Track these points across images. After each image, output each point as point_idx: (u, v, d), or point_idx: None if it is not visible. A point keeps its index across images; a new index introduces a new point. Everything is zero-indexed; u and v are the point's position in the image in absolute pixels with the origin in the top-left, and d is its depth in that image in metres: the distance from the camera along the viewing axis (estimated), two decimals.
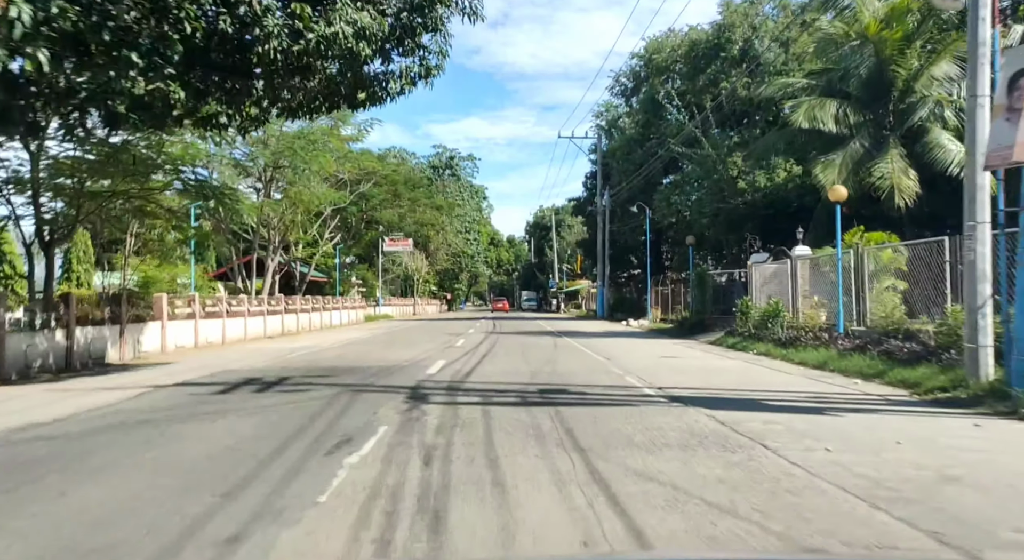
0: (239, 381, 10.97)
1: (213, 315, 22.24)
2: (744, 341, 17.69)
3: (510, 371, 12.34)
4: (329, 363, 14.25)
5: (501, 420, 7.35)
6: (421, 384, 10.50)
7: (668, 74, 43.99)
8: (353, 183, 38.97)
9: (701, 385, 10.32)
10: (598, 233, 48.46)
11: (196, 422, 7.32)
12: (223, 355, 17.47)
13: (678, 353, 16.67)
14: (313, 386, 10.24)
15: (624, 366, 13.12)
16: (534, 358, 15.02)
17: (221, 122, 14.07)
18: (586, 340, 21.81)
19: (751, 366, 13.39)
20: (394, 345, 20.27)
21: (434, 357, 15.41)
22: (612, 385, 10.42)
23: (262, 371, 12.74)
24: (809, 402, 8.74)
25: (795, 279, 17.60)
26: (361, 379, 11.10)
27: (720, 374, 11.95)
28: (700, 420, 7.31)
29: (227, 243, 28.09)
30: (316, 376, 11.63)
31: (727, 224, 25.84)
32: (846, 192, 14.93)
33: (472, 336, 24.44)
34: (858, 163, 20.77)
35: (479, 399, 8.95)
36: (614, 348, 18.23)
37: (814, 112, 21.15)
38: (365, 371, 12.39)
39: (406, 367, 13.20)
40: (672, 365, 13.61)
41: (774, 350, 15.25)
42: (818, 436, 6.45)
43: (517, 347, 18.63)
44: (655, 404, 8.53)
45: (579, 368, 12.86)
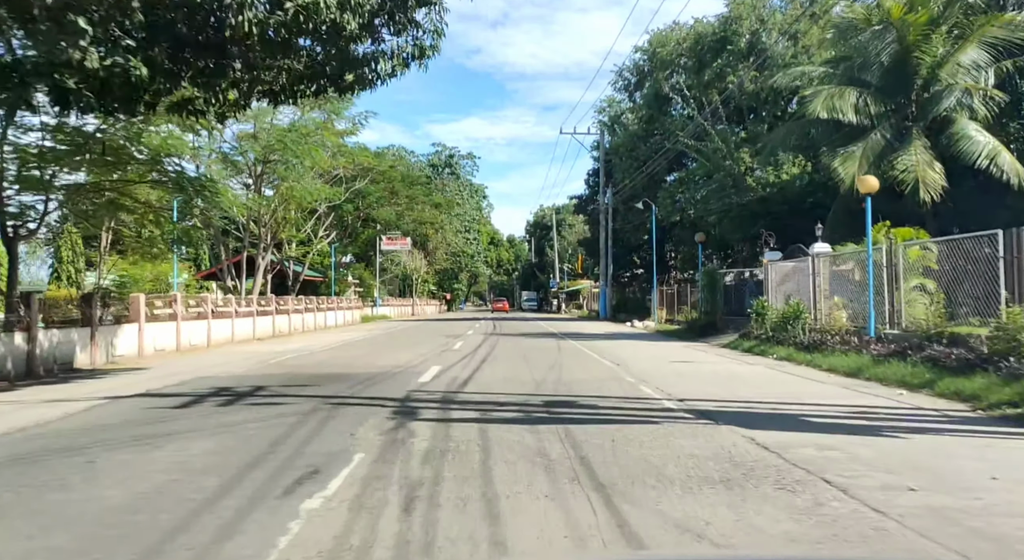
0: (208, 391, 9.79)
1: (198, 316, 21.07)
2: (761, 344, 16.52)
3: (511, 379, 11.17)
4: (314, 369, 13.08)
5: (501, 443, 6.19)
6: (411, 395, 9.33)
7: (673, 68, 42.83)
8: (349, 180, 37.79)
9: (726, 396, 9.15)
10: (601, 231, 47.29)
11: (136, 448, 6.14)
12: (204, 359, 16.31)
13: (691, 357, 15.49)
14: (289, 398, 9.06)
15: (636, 373, 11.95)
16: (537, 363, 13.85)
17: (198, 107, 12.94)
18: (591, 342, 20.63)
19: (775, 373, 12.22)
20: (388, 348, 19.10)
21: (429, 362, 14.24)
22: (626, 397, 9.24)
23: (238, 379, 11.57)
24: (857, 418, 7.56)
25: (817, 278, 16.43)
26: (345, 389, 9.93)
27: (744, 383, 10.78)
28: (738, 443, 6.14)
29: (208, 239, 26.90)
30: (296, 385, 10.45)
31: (737, 221, 24.70)
32: (877, 183, 13.76)
33: (471, 338, 23.28)
34: (879, 156, 19.62)
35: (476, 414, 7.78)
36: (621, 351, 17.06)
37: (833, 101, 19.98)
38: (351, 379, 11.21)
39: (397, 374, 12.02)
40: (688, 372, 12.44)
41: (797, 355, 14.08)
42: (890, 467, 5.27)
43: (518, 351, 17.46)
44: (680, 421, 7.35)
45: (587, 375, 11.69)
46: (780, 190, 22.99)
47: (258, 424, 7.14)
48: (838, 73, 21.63)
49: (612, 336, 24.80)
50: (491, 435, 6.58)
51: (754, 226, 23.77)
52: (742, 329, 21.09)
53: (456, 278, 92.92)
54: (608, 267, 46.84)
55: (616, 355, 15.80)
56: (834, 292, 16.89)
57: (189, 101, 12.90)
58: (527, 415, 7.84)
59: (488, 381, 10.94)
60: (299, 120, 26.54)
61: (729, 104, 36.19)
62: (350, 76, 12.22)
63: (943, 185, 18.58)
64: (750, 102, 37.00)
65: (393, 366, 13.40)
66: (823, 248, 18.33)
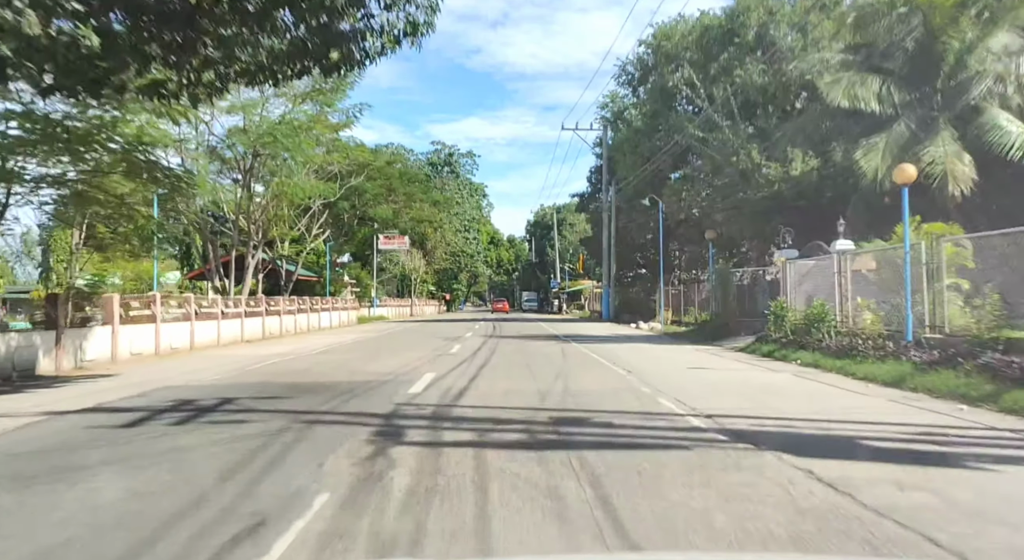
0: (167, 405, 8.60)
1: (182, 317, 19.89)
2: (781, 349, 15.33)
3: (513, 390, 9.97)
4: (295, 376, 11.88)
5: (502, 477, 5.00)
6: (398, 410, 8.14)
7: (678, 62, 41.63)
8: (344, 176, 36.60)
9: (759, 411, 7.97)
10: (603, 230, 46.09)
11: (42, 487, 4.93)
12: (180, 365, 15.12)
13: (708, 363, 14.30)
14: (257, 413, 7.87)
15: (651, 382, 10.76)
16: (541, 370, 12.65)
17: (170, 89, 11.75)
18: (597, 346, 19.44)
19: (805, 382, 11.03)
20: (380, 352, 17.90)
21: (422, 368, 13.05)
22: (646, 412, 8.05)
23: (208, 388, 10.38)
24: (924, 441, 6.37)
25: (845, 276, 15.23)
26: (324, 402, 8.73)
27: (774, 394, 9.59)
28: (795, 479, 4.95)
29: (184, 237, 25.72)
30: (270, 397, 9.26)
31: (749, 218, 23.51)
32: (915, 172, 12.57)
33: (469, 341, 22.08)
34: (903, 147, 18.41)
35: (472, 436, 6.59)
36: (631, 356, 15.87)
37: (854, 89, 18.80)
38: (333, 389, 10.02)
39: (386, 383, 10.83)
40: (709, 380, 11.25)
41: (824, 361, 12.88)
42: (1002, 516, 4.09)
43: (520, 355, 16.27)
44: (714, 445, 6.17)
45: (598, 385, 10.50)
46: (796, 185, 21.80)
47: (210, 450, 5.95)
48: (858, 60, 20.42)
49: (618, 339, 23.61)
50: (490, 465, 5.39)
51: (768, 223, 22.60)
52: (757, 332, 19.91)
53: (456, 278, 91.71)
54: (611, 267, 45.65)
55: (626, 361, 14.60)
56: (857, 292, 15.73)
57: (160, 83, 11.74)
58: (532, 437, 6.66)
59: (487, 392, 9.75)
60: (290, 112, 25.33)
61: (736, 99, 35.02)
62: (335, 54, 11.02)
63: (973, 178, 17.41)
64: (758, 96, 35.83)
65: (382, 373, 12.20)
66: (845, 245, 17.14)
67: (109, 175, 14.60)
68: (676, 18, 42.71)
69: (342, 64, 11.29)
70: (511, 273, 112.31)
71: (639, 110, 46.88)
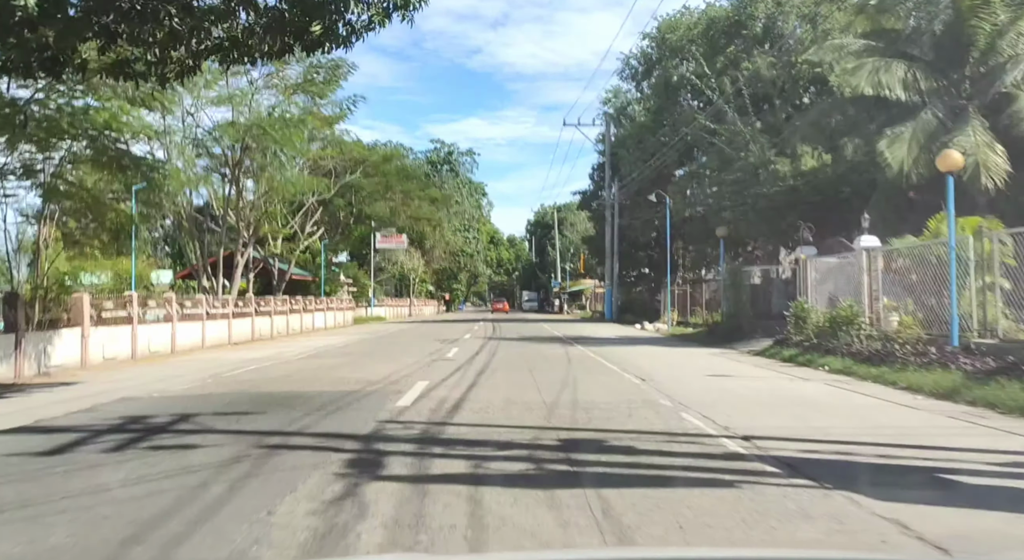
0: (112, 424, 7.41)
1: (163, 319, 18.72)
2: (804, 353, 14.14)
3: (515, 401, 8.79)
4: (272, 385, 10.68)
5: (504, 533, 3.83)
6: (381, 430, 6.95)
7: (683, 55, 40.45)
8: (340, 172, 35.41)
9: (804, 431, 6.79)
10: (606, 228, 44.92)
11: None
12: (154, 371, 13.95)
13: (727, 369, 13.12)
14: (213, 435, 6.68)
15: (670, 392, 9.58)
16: (546, 378, 11.47)
17: (137, 70, 10.63)
18: (603, 349, 18.26)
19: (843, 392, 9.85)
20: (372, 356, 16.72)
21: (415, 375, 11.88)
22: (671, 433, 6.87)
23: (169, 401, 9.19)
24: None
25: (874, 275, 14.05)
26: (296, 419, 7.54)
27: (813, 408, 8.41)
28: (888, 535, 3.77)
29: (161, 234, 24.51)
30: (235, 412, 8.07)
31: (762, 215, 22.33)
32: (961, 159, 11.39)
33: (468, 343, 20.90)
34: (931, 136, 17.25)
35: (466, 467, 5.41)
36: (642, 361, 14.70)
37: (878, 76, 17.59)
38: (311, 401, 8.83)
39: (372, 393, 9.65)
40: (733, 391, 10.07)
41: (857, 368, 11.69)
42: None
43: (522, 360, 15.09)
44: (765, 480, 4.99)
45: (610, 396, 9.31)
46: (812, 179, 20.62)
47: (135, 490, 4.75)
48: (880, 46, 19.22)
49: (624, 341, 22.43)
50: (487, 511, 4.21)
51: (782, 219, 21.42)
52: (773, 334, 18.72)
53: (455, 278, 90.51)
54: (614, 266, 44.45)
55: (637, 366, 13.42)
56: (883, 293, 14.57)
57: (126, 62, 10.60)
58: (540, 468, 5.47)
59: (485, 405, 8.56)
60: (281, 104, 24.17)
61: (744, 93, 33.86)
62: (317, 27, 9.86)
63: (1007, 170, 16.23)
64: (766, 90, 34.66)
65: (370, 381, 11.02)
66: (871, 242, 15.97)
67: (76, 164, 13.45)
68: (681, 10, 41.57)
69: (325, 40, 10.12)
70: (511, 273, 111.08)
71: (643, 105, 45.70)
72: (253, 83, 25.13)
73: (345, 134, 29.44)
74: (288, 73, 26.57)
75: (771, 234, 23.70)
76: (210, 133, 23.29)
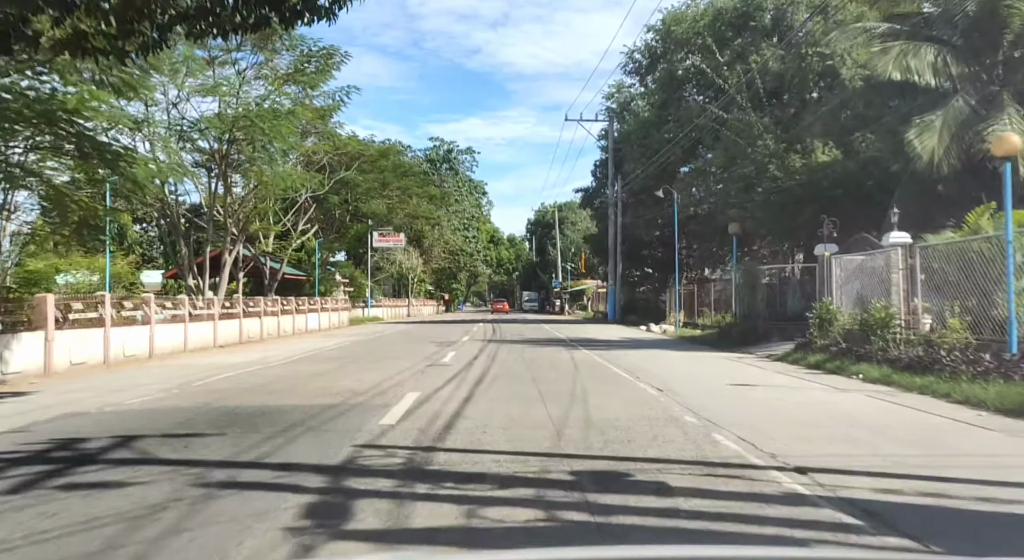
0: (37, 449, 6.20)
1: (140, 321, 17.52)
2: (832, 359, 12.94)
3: (518, 420, 7.59)
4: (241, 398, 9.47)
5: None
6: (355, 460, 5.74)
7: (689, 48, 39.25)
8: (335, 168, 34.19)
9: (870, 463, 5.59)
10: (609, 226, 43.69)
11: None
12: (119, 379, 12.75)
13: (751, 377, 11.91)
14: (148, 467, 5.47)
15: (694, 406, 8.38)
16: (552, 388, 10.27)
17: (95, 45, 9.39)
18: (610, 353, 17.07)
19: (891, 406, 8.64)
20: (362, 361, 15.51)
21: (406, 384, 10.68)
22: (707, 462, 5.66)
23: (119, 418, 7.97)
24: None
25: (910, 274, 12.83)
26: (255, 444, 6.33)
27: (865, 427, 7.20)
28: None
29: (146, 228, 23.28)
30: (187, 433, 6.85)
31: (778, 210, 21.10)
32: (1019, 142, 10.18)
33: (466, 346, 19.70)
34: (963, 125, 16.08)
35: (456, 517, 4.20)
36: (654, 367, 13.50)
37: (907, 60, 16.40)
38: (281, 419, 7.62)
39: (354, 408, 8.44)
40: (766, 404, 8.87)
41: (898, 377, 10.49)
42: None
43: (524, 366, 13.89)
44: (849, 538, 3.79)
45: (627, 411, 8.11)
46: (831, 171, 19.40)
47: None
48: (906, 30, 18.02)
49: (631, 344, 21.23)
50: None
51: (799, 215, 20.20)
52: (791, 337, 17.57)
53: (455, 278, 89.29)
54: (617, 265, 43.23)
55: (650, 373, 12.21)
56: (916, 293, 13.38)
57: (83, 35, 9.37)
58: (551, 516, 4.26)
59: (483, 423, 7.36)
60: (271, 94, 22.96)
61: (754, 86, 32.69)
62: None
63: None
64: (775, 84, 33.47)
65: (355, 392, 9.82)
66: (901, 238, 14.77)
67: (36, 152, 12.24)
68: (687, 1, 40.36)
69: (305, 9, 8.89)
70: (511, 273, 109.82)
71: (647, 101, 44.49)
72: (242, 73, 23.96)
73: (339, 127, 28.20)
74: (278, 63, 25.43)
75: (786, 231, 22.48)
76: (195, 125, 22.07)
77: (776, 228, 23.00)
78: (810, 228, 20.08)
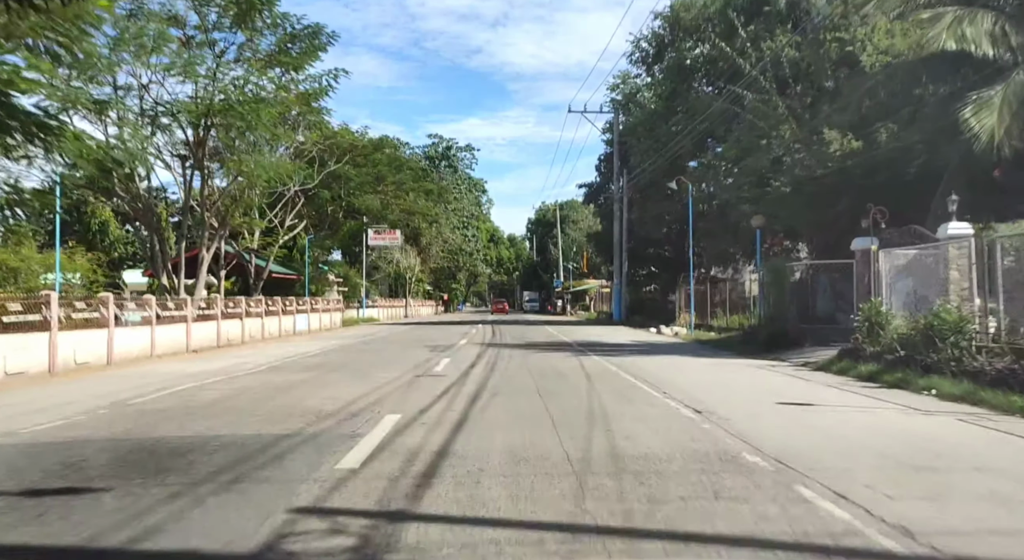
0: None
1: (97, 324, 15.63)
2: (889, 370, 11.01)
3: (524, 458, 5.69)
4: (175, 424, 7.54)
5: None
6: (280, 543, 3.81)
7: (699, 35, 37.37)
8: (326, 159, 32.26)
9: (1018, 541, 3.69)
10: (615, 222, 41.78)
11: None
12: (52, 393, 10.85)
13: (801, 393, 9.99)
14: None
15: (751, 437, 6.49)
16: (563, 406, 8.37)
17: None
18: (624, 359, 15.18)
19: (1002, 436, 6.74)
20: (344, 369, 13.61)
21: (386, 402, 8.80)
22: (812, 544, 3.75)
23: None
24: None
25: (987, 270, 10.90)
26: (147, 506, 4.41)
27: (992, 472, 5.31)
28: None
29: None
30: (59, 490, 4.92)
31: (805, 202, 19.16)
32: None
33: (463, 351, 17.82)
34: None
35: None
36: (679, 377, 11.59)
37: (961, 28, 14.49)
38: (206, 460, 5.71)
39: (312, 439, 6.54)
40: (840, 433, 6.96)
41: (986, 394, 8.57)
42: None
43: (527, 376, 11.98)
44: None
45: (665, 444, 6.21)
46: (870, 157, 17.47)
47: None
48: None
49: (644, 349, 19.32)
50: None
51: (832, 206, 18.27)
52: (825, 341, 15.69)
53: (454, 277, 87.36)
54: (623, 264, 41.31)
55: (677, 386, 10.30)
56: (979, 292, 11.48)
57: None
58: None
59: (478, 464, 5.47)
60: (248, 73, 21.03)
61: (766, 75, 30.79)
62: None
63: None
64: (793, 70, 31.57)
65: (321, 414, 7.92)
66: (961, 229, 12.90)
67: None
68: None
69: None
70: (511, 272, 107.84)
71: (654, 91, 42.55)
72: (220, 55, 22.05)
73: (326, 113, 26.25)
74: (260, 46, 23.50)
75: (816, 224, 20.51)
76: (167, 109, 20.15)
77: (803, 222, 21.04)
78: (844, 221, 18.14)
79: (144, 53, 18.18)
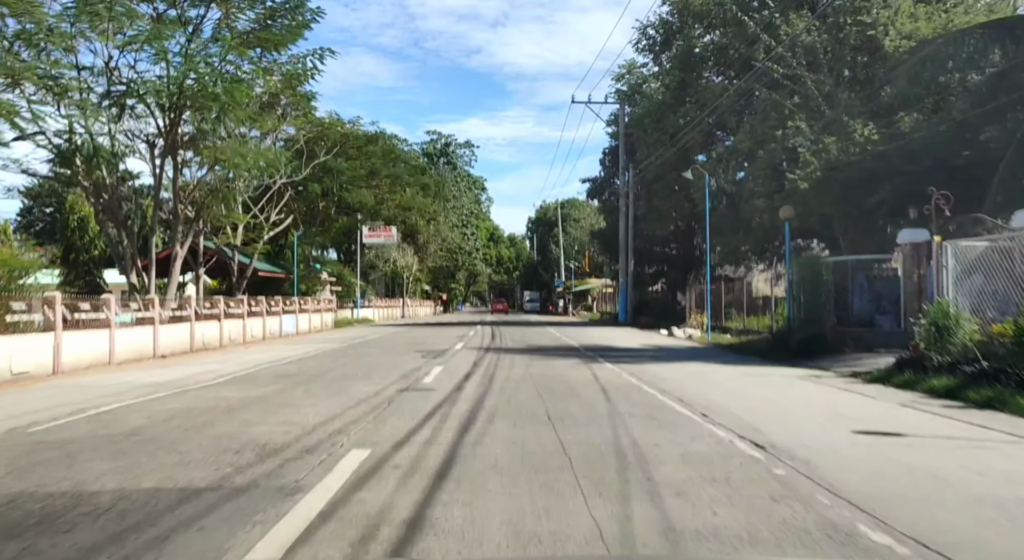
0: None
1: (42, 327, 13.74)
2: (972, 386, 9.08)
3: (533, 534, 3.76)
4: (61, 466, 5.61)
5: None
6: None
7: (709, 21, 35.41)
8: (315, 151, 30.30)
9: None
10: (620, 219, 39.86)
11: None
12: None
13: (873, 416, 8.05)
14: None
15: (854, 496, 4.56)
16: (581, 439, 6.45)
17: None
18: (641, 368, 13.25)
19: None
20: (316, 381, 11.67)
21: (354, 431, 6.88)
22: None
23: None
24: None
25: None
26: None
27: None
28: None
29: None
30: None
31: (838, 192, 17.20)
32: None
33: (458, 357, 15.91)
34: None
35: None
36: (716, 393, 9.65)
37: None
38: (64, 538, 3.80)
39: (233, 498, 4.61)
40: (983, 488, 5.02)
41: None
42: None
43: (533, 390, 10.04)
44: None
45: (738, 510, 4.27)
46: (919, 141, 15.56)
47: None
48: None
49: (661, 354, 17.40)
50: None
51: (870, 196, 16.29)
52: (869, 347, 13.78)
53: (453, 277, 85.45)
54: (628, 262, 39.38)
55: (719, 407, 8.36)
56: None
57: None
58: None
59: (467, 551, 3.54)
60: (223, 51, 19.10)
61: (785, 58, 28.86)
62: None
63: None
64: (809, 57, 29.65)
65: (264, 451, 6.00)
66: None
67: None
68: None
69: None
70: (511, 272, 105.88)
71: (661, 81, 40.62)
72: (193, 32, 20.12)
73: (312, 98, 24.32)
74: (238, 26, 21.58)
75: (850, 216, 18.57)
76: (132, 88, 18.21)
77: (835, 214, 19.10)
78: (882, 211, 16.25)
79: (99, 21, 16.22)
